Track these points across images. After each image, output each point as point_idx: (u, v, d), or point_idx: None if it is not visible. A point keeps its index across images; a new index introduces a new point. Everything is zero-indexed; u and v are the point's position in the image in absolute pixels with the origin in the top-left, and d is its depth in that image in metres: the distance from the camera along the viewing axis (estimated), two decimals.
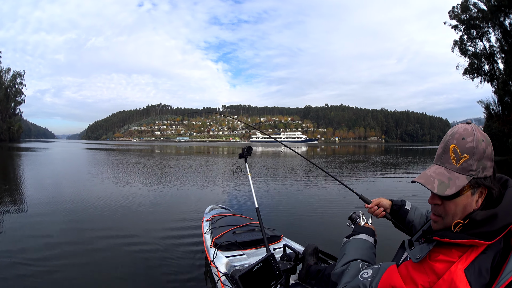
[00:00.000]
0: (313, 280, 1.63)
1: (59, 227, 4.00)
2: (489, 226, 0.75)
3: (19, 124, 71.31)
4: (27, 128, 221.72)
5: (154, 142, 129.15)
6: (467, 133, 0.82)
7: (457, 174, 0.81)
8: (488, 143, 0.82)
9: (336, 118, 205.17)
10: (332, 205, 5.89)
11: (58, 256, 3.00)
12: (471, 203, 0.82)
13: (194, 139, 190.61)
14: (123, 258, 3.02)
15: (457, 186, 0.80)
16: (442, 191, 0.81)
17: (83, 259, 2.94)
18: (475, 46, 30.50)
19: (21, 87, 69.01)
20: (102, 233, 3.79)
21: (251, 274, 1.38)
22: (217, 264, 2.05)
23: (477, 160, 0.80)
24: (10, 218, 4.46)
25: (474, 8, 29.27)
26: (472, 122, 0.86)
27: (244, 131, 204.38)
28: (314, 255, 1.78)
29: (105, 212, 4.95)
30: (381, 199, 1.41)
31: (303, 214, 5.12)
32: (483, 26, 28.91)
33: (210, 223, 2.80)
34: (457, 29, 30.86)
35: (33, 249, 3.18)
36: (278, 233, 2.54)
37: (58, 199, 5.78)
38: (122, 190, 7.02)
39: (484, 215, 0.77)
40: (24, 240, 3.44)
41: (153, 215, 4.81)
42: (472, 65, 30.74)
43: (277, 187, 7.76)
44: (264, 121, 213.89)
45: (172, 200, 6.13)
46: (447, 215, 0.84)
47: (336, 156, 24.79)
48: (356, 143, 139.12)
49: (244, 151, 2.41)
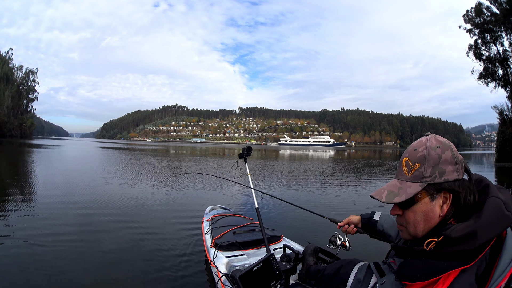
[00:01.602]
0: (313, 280, 1.61)
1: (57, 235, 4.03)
2: (467, 245, 0.68)
3: (31, 121, 73.69)
4: (40, 125, 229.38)
5: (169, 142, 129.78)
6: (420, 144, 0.83)
7: (408, 183, 0.81)
8: (445, 148, 0.79)
9: (352, 122, 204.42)
10: (332, 205, 5.89)
11: (57, 257, 3.03)
12: (432, 210, 0.79)
13: (210, 141, 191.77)
14: (122, 258, 3.03)
15: (407, 194, 0.79)
16: (389, 200, 0.81)
17: (83, 258, 2.97)
18: (489, 50, 29.87)
19: (34, 84, 71.87)
20: (102, 232, 3.82)
21: (251, 274, 1.35)
22: (217, 264, 2.05)
23: (431, 166, 0.78)
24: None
25: (487, 11, 28.81)
26: (430, 134, 0.86)
27: (260, 133, 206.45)
28: (314, 255, 1.76)
29: (104, 211, 5.00)
30: (351, 217, 1.54)
31: (303, 214, 5.07)
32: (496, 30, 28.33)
33: (210, 223, 2.80)
34: (471, 33, 30.34)
35: (41, 230, 3.24)
36: (278, 233, 2.53)
37: (56, 199, 5.83)
38: (123, 190, 7.11)
39: (461, 233, 0.69)
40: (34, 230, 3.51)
41: (153, 215, 4.84)
42: (487, 69, 30.01)
43: (277, 187, 7.75)
44: (280, 124, 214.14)
45: (173, 200, 6.16)
46: (409, 224, 0.83)
47: (363, 160, 24.62)
48: (372, 147, 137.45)
49: (244, 151, 2.42)
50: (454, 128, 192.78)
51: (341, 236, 1.57)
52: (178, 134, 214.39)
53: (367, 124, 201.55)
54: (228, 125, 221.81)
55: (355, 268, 1.44)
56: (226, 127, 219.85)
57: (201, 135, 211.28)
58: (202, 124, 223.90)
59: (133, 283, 2.54)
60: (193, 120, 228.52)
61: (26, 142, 37.71)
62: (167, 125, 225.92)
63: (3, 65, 63.56)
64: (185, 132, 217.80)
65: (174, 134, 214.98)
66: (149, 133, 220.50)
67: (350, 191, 8.08)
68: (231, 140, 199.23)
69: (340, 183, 9.67)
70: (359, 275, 1.38)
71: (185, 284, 2.50)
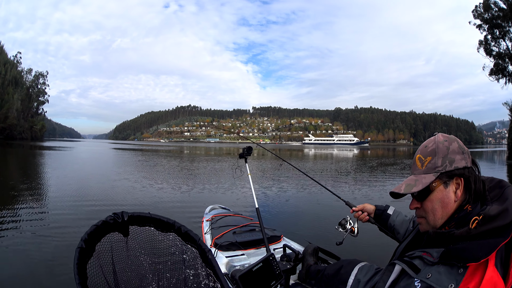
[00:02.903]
0: (313, 280, 1.62)
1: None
2: (503, 220, 0.76)
3: (42, 123, 75.07)
4: (51, 128, 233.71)
5: (183, 143, 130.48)
6: (429, 141, 0.93)
7: (423, 175, 0.90)
8: (452, 140, 0.89)
9: (366, 120, 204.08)
10: (332, 205, 5.84)
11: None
12: (448, 195, 0.87)
13: (224, 141, 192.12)
14: None
15: (423, 183, 0.87)
16: (407, 190, 0.90)
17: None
18: (499, 46, 29.20)
19: (44, 87, 73.30)
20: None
21: (251, 274, 1.36)
22: None
23: (441, 157, 0.88)
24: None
25: (495, 7, 28.16)
26: (437, 133, 0.96)
27: (274, 133, 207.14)
28: (314, 255, 1.76)
29: (104, 209, 5.05)
30: (366, 205, 1.58)
31: (303, 214, 5.06)
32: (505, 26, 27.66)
33: (210, 223, 2.79)
34: (481, 29, 29.72)
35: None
36: (278, 233, 2.51)
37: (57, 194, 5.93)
38: (125, 189, 7.16)
39: (497, 210, 0.78)
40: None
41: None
42: (497, 65, 29.36)
43: (277, 187, 7.73)
44: (294, 123, 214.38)
45: (173, 200, 6.18)
46: (427, 213, 0.90)
47: (386, 158, 24.51)
48: (385, 145, 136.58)
49: (244, 151, 2.41)
50: (466, 126, 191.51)
51: (352, 221, 1.58)
52: (192, 135, 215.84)
53: (380, 122, 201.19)
54: (242, 125, 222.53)
55: (355, 268, 1.41)
56: (240, 126, 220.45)
57: (215, 135, 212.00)
58: (216, 124, 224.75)
59: None
60: (207, 120, 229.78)
61: (36, 144, 38.23)
62: (180, 126, 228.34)
63: (11, 68, 64.89)
64: (199, 132, 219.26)
65: (188, 134, 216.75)
66: (162, 133, 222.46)
67: (377, 188, 8.03)
68: (245, 139, 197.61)
69: (369, 180, 9.62)
70: (359, 275, 1.35)
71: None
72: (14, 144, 37.27)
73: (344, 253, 1.94)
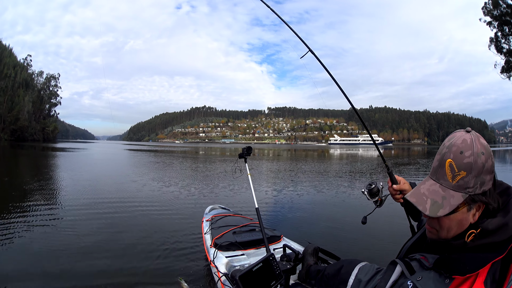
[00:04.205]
0: (313, 280, 1.61)
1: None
2: (500, 235, 0.74)
3: (54, 125, 75.91)
4: (64, 129, 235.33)
5: (198, 143, 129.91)
6: (466, 146, 0.78)
7: (452, 192, 0.78)
8: (488, 155, 0.78)
9: (380, 120, 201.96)
10: (333, 205, 5.82)
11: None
12: (467, 218, 0.80)
13: (239, 141, 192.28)
14: (122, 257, 3.04)
15: (451, 206, 0.77)
16: (434, 213, 0.78)
17: (81, 257, 2.99)
18: (509, 43, 28.55)
19: (56, 89, 73.88)
20: (99, 232, 3.84)
21: (251, 274, 1.37)
22: (217, 264, 2.04)
23: (475, 176, 0.76)
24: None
25: (503, 3, 27.59)
26: (471, 131, 0.81)
27: (289, 133, 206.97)
28: (314, 255, 1.76)
29: (103, 209, 5.06)
30: (406, 187, 1.32)
31: (303, 214, 5.05)
32: None
33: (210, 223, 2.80)
34: (491, 26, 29.11)
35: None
36: (278, 233, 2.51)
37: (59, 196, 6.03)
38: (127, 189, 7.20)
39: (495, 225, 0.75)
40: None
41: (153, 215, 4.85)
42: (508, 63, 28.74)
43: (277, 187, 7.72)
44: (309, 123, 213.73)
45: (173, 200, 6.16)
46: (442, 229, 0.82)
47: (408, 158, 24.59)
48: (400, 145, 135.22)
49: (244, 151, 2.41)
50: (479, 124, 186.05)
51: (385, 192, 1.40)
52: (207, 135, 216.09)
53: (395, 122, 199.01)
54: (257, 125, 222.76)
55: (356, 268, 1.38)
56: (256, 127, 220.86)
57: (230, 136, 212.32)
58: (231, 124, 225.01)
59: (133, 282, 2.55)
60: (222, 121, 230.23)
61: (49, 146, 38.42)
62: (195, 127, 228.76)
63: (21, 71, 66.10)
64: (214, 133, 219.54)
65: (203, 135, 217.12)
66: (177, 134, 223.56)
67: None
68: (261, 140, 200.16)
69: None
70: (360, 275, 1.33)
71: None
72: (25, 146, 37.93)
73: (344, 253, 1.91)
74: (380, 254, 3.13)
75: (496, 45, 29.13)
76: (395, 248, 1.05)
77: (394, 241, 3.47)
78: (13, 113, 60.43)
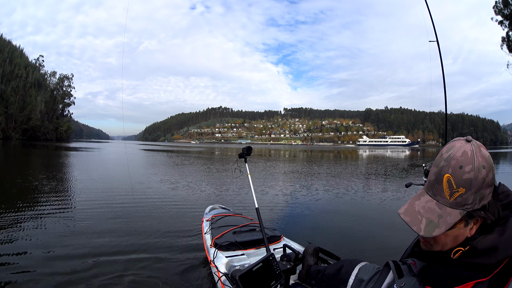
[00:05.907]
0: (313, 280, 1.60)
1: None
2: (488, 258, 0.71)
3: (68, 125, 77.08)
4: (78, 129, 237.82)
5: (214, 144, 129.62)
6: (466, 160, 0.72)
7: (449, 210, 0.74)
8: (489, 168, 0.72)
9: (396, 121, 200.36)
10: (332, 205, 5.78)
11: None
12: (463, 233, 0.77)
13: (256, 142, 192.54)
14: (121, 258, 3.03)
15: (447, 225, 0.73)
16: (429, 233, 0.73)
17: (79, 257, 2.99)
18: None
19: (69, 89, 75.10)
20: (98, 232, 3.83)
21: (251, 274, 1.38)
22: (217, 264, 2.04)
23: (475, 192, 0.72)
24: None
25: None
26: (472, 140, 0.75)
27: (306, 134, 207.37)
28: (314, 255, 1.75)
29: (102, 209, 5.05)
30: None
31: (303, 214, 5.02)
32: None
33: (210, 223, 2.80)
34: (502, 25, 28.48)
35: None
36: (278, 233, 2.50)
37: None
38: (127, 189, 7.19)
39: (485, 245, 0.72)
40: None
41: (152, 215, 4.85)
42: None
43: (277, 187, 7.70)
44: (325, 124, 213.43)
45: (172, 200, 6.15)
46: (437, 245, 0.79)
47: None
48: (415, 147, 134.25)
49: (244, 151, 2.40)
50: (492, 126, 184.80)
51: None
52: (223, 136, 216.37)
53: (410, 123, 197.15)
54: (273, 126, 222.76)
55: (356, 268, 1.36)
56: (272, 128, 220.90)
57: (246, 136, 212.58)
58: (247, 125, 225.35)
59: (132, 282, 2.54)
60: (238, 121, 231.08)
61: (61, 145, 38.46)
62: (211, 127, 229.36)
63: (33, 71, 67.40)
64: (230, 133, 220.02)
65: (219, 135, 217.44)
66: (193, 135, 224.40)
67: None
68: (277, 141, 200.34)
69: None
70: (360, 275, 1.30)
71: (185, 284, 2.48)
72: (38, 145, 38.66)
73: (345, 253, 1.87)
74: (381, 254, 3.08)
75: (508, 44, 28.41)
76: (395, 248, 1.04)
77: (394, 241, 3.46)
78: (24, 113, 61.88)
